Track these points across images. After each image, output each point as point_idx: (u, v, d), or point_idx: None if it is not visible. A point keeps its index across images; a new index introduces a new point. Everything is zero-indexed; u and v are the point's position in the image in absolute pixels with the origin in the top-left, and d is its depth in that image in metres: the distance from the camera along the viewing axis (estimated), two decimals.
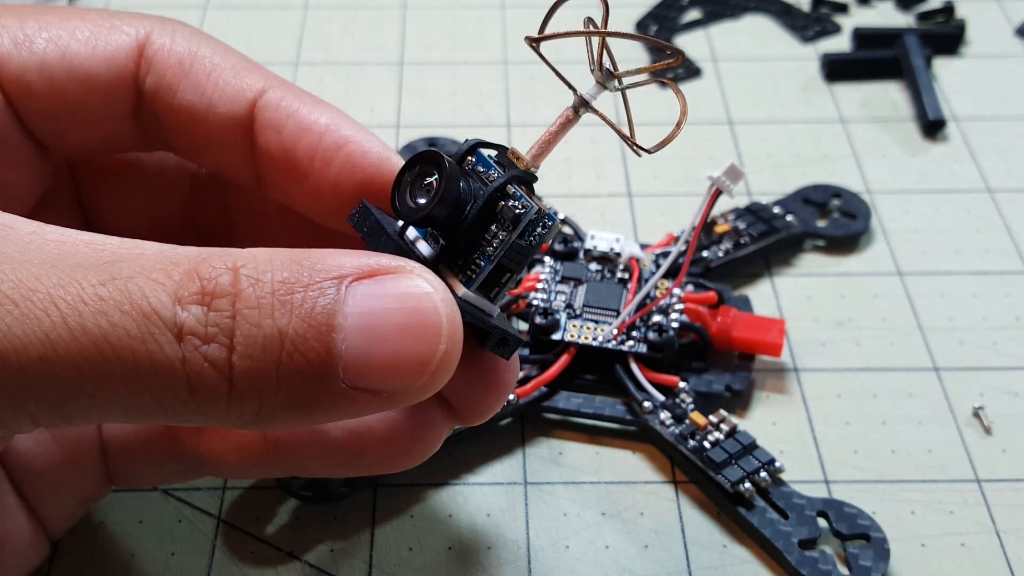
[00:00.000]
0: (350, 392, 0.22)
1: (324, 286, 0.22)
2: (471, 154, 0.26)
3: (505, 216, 0.25)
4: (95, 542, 0.34)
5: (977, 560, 0.34)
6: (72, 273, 0.22)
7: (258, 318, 0.22)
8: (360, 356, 0.22)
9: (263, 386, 0.22)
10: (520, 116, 0.51)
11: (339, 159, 0.28)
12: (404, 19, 0.58)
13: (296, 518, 0.35)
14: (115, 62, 0.29)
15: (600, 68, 0.25)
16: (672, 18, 0.57)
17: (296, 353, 0.22)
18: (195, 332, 0.21)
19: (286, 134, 0.28)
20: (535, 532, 0.35)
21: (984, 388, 0.40)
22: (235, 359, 0.21)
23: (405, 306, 0.23)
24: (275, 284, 0.22)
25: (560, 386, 0.38)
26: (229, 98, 0.29)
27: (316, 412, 0.23)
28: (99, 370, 0.21)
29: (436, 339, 0.23)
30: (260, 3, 0.59)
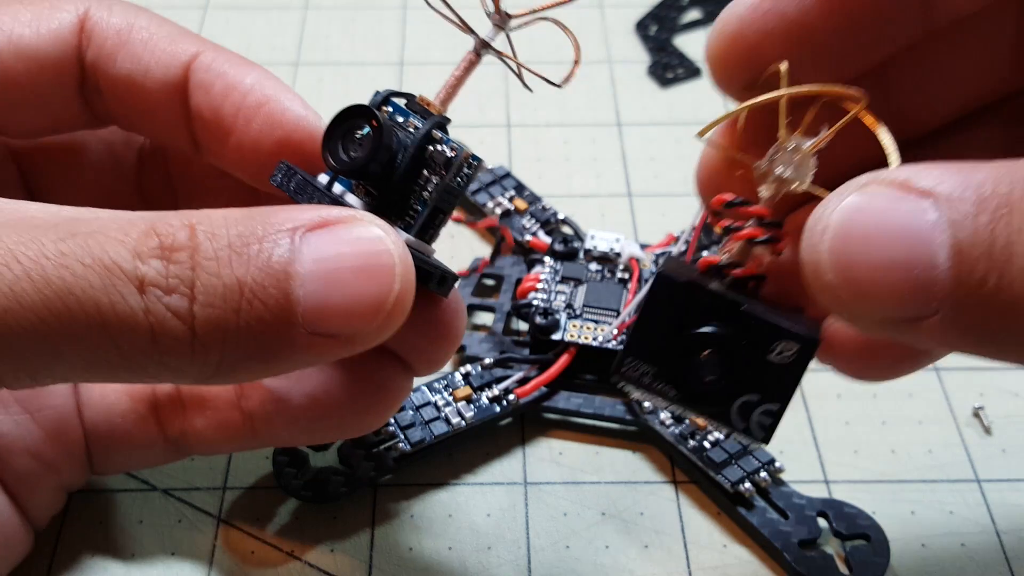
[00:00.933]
0: (309, 338, 0.23)
1: (278, 237, 0.23)
2: (385, 103, 0.26)
3: (436, 160, 0.25)
4: (95, 541, 0.34)
5: (977, 560, 0.34)
6: (31, 232, 0.22)
7: (217, 268, 0.22)
8: (318, 301, 0.23)
9: (224, 334, 0.22)
10: (520, 117, 0.51)
11: (259, 116, 0.29)
12: (404, 19, 0.58)
13: (296, 518, 0.35)
14: (59, 39, 0.29)
15: (497, 10, 0.26)
16: (672, 18, 0.57)
17: (255, 300, 0.22)
18: (156, 283, 0.22)
19: (214, 93, 0.29)
20: (535, 532, 0.35)
21: (984, 388, 0.40)
22: (196, 308, 0.22)
23: (359, 250, 0.23)
24: (231, 237, 0.23)
25: (560, 386, 0.38)
26: (164, 63, 0.29)
27: (276, 359, 0.23)
28: (64, 322, 0.21)
29: (390, 279, 0.23)
30: (260, 3, 0.59)
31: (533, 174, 0.48)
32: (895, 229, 0.20)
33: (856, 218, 0.20)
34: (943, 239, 0.19)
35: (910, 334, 0.21)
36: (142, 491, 0.36)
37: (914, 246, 0.20)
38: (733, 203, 0.25)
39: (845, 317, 0.21)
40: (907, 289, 0.20)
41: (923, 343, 0.21)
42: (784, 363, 0.24)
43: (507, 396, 0.37)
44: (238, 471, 0.37)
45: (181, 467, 0.36)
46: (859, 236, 0.20)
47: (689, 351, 0.24)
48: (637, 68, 0.54)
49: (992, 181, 0.19)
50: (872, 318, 0.21)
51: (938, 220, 0.20)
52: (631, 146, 0.50)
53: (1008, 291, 0.19)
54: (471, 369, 0.38)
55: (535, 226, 0.44)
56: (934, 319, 0.20)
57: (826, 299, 0.21)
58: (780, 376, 0.24)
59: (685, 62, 0.54)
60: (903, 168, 0.21)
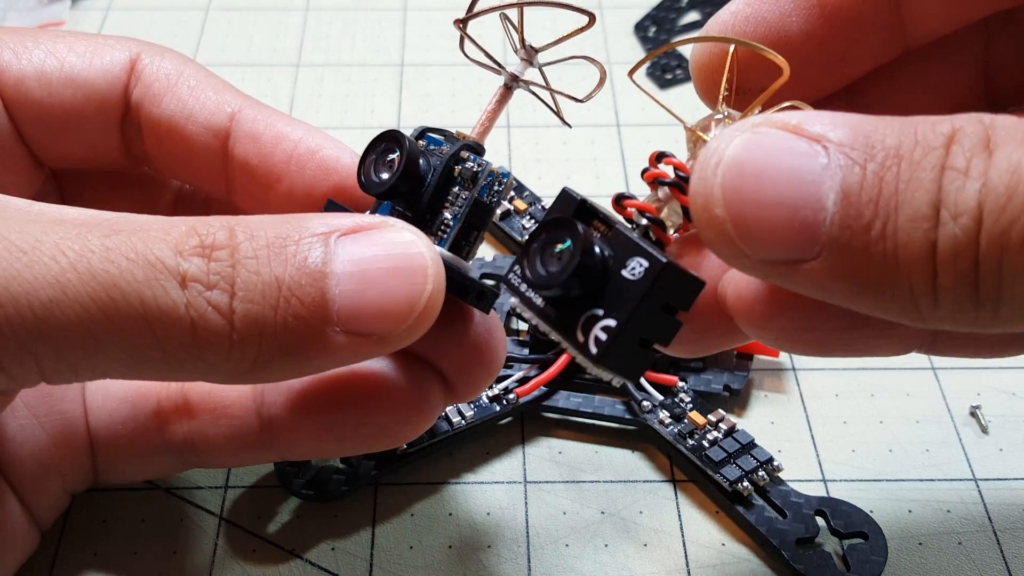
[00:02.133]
0: (342, 336, 0.24)
1: (314, 240, 0.24)
2: (421, 138, 0.28)
3: (464, 176, 0.27)
4: (98, 540, 0.35)
5: (974, 558, 0.35)
6: (76, 229, 0.23)
7: (256, 266, 0.23)
8: (353, 300, 0.24)
9: (262, 329, 0.23)
10: (519, 117, 0.52)
11: (312, 163, 0.30)
12: (404, 21, 0.58)
13: (297, 517, 0.35)
14: (109, 74, 0.31)
15: (523, 46, 0.28)
16: (671, 20, 0.58)
17: (293, 298, 0.23)
18: (198, 279, 0.23)
19: (264, 142, 0.30)
20: (535, 531, 0.35)
21: (981, 388, 0.40)
22: (236, 303, 0.23)
23: (392, 252, 0.24)
24: (269, 238, 0.24)
25: (560, 386, 0.39)
26: (209, 110, 0.31)
27: (309, 357, 0.24)
28: (108, 314, 0.22)
29: (423, 279, 0.24)
30: (261, 5, 0.59)
31: (533, 174, 0.48)
32: (786, 170, 0.20)
33: (749, 155, 0.21)
34: (832, 183, 0.20)
35: (791, 278, 0.21)
36: (145, 490, 0.36)
37: (803, 188, 0.20)
38: (663, 154, 0.26)
39: (728, 255, 0.21)
40: (793, 229, 0.20)
41: (803, 288, 0.21)
42: (634, 280, 0.23)
43: (507, 395, 0.38)
44: (239, 471, 0.37)
45: None
46: (751, 173, 0.20)
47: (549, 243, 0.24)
48: None
49: (882, 132, 0.20)
50: (755, 257, 0.21)
51: (828, 165, 0.20)
52: (630, 147, 0.50)
53: (892, 239, 0.19)
54: None
55: (535, 226, 0.44)
56: (815, 263, 0.20)
57: (712, 235, 0.21)
58: (627, 294, 0.24)
59: (684, 63, 0.55)
60: (796, 113, 0.21)
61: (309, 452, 0.31)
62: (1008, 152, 0.19)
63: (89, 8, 0.58)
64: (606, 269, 0.24)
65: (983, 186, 0.18)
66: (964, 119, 0.20)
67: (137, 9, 0.58)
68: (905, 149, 0.19)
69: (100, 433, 0.32)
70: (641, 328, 0.24)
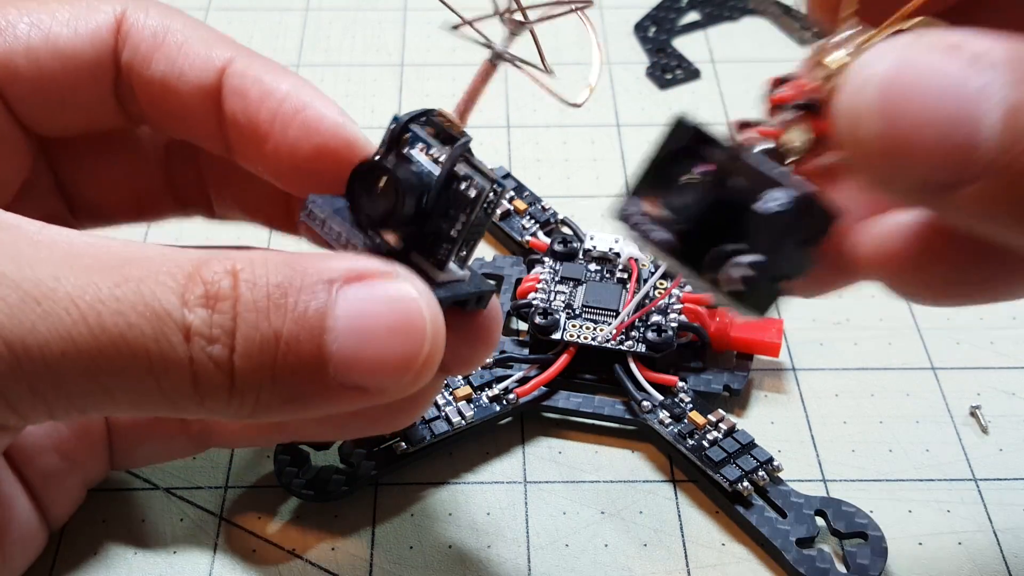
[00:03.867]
0: (340, 388, 0.24)
1: (316, 289, 0.24)
2: (405, 133, 0.27)
3: (462, 200, 0.26)
4: (98, 540, 0.35)
5: (974, 559, 0.35)
6: (87, 276, 0.23)
7: (256, 320, 0.23)
8: (350, 356, 0.24)
9: (260, 383, 0.23)
10: (519, 118, 0.52)
11: (296, 123, 0.29)
12: (404, 21, 0.58)
13: (297, 517, 0.36)
14: (96, 39, 0.30)
15: (509, 12, 0.26)
16: (671, 20, 0.58)
17: (290, 353, 0.23)
18: (201, 333, 0.23)
19: (250, 99, 0.29)
20: (535, 531, 0.35)
21: (981, 388, 0.40)
22: (236, 359, 0.23)
23: (393, 308, 0.24)
24: (270, 288, 0.23)
25: (560, 386, 0.39)
26: (199, 68, 0.30)
27: (308, 407, 0.24)
28: (116, 365, 0.23)
29: (421, 340, 0.24)
30: (261, 5, 0.59)
31: (532, 175, 0.48)
32: (944, 86, 0.19)
33: (904, 71, 0.19)
34: (994, 103, 0.18)
35: (944, 204, 0.20)
36: (145, 490, 0.36)
37: (962, 106, 0.19)
38: (784, 79, 0.24)
39: (879, 178, 0.20)
40: (950, 149, 0.19)
41: (954, 216, 0.20)
42: (771, 212, 0.22)
43: (507, 395, 0.38)
44: (240, 470, 0.37)
45: (184, 466, 0.37)
46: (906, 89, 0.19)
47: (674, 177, 0.23)
48: (636, 69, 0.55)
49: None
50: (908, 180, 0.20)
51: (989, 83, 0.19)
52: (630, 147, 0.50)
53: None
54: None
55: (534, 227, 0.44)
56: (971, 188, 0.19)
57: (860, 154, 0.20)
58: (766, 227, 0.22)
59: (684, 64, 0.55)
60: (954, 31, 0.19)
61: (315, 435, 0.32)
62: None
63: None
64: (738, 200, 0.23)
65: None
66: None
67: None
68: None
69: (120, 424, 0.33)
70: (780, 263, 0.23)
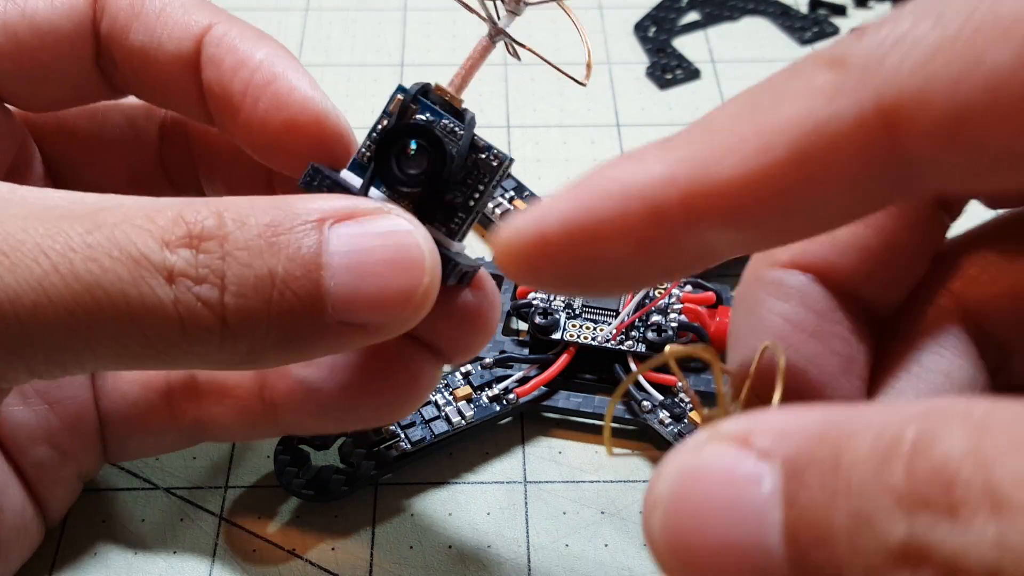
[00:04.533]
0: (338, 327, 0.23)
1: (307, 228, 0.23)
2: (415, 103, 0.27)
3: (481, 168, 0.26)
4: (97, 540, 0.35)
5: None
6: (58, 224, 0.22)
7: (248, 259, 0.22)
8: (348, 292, 0.23)
9: (255, 324, 0.23)
10: (519, 118, 0.52)
11: (267, 95, 0.28)
12: (404, 21, 0.58)
13: (297, 517, 0.36)
14: (73, 11, 0.29)
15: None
16: (671, 20, 0.58)
17: (287, 291, 0.22)
18: (186, 274, 0.22)
19: (224, 69, 0.29)
20: (535, 531, 0.35)
21: None
22: (227, 298, 0.22)
23: (389, 242, 0.24)
24: (260, 227, 0.23)
25: (560, 385, 0.39)
26: (177, 36, 0.29)
27: (304, 348, 0.24)
28: (93, 315, 0.22)
29: (420, 272, 0.24)
30: (261, 5, 0.59)
31: (532, 175, 0.48)
32: (729, 503, 0.17)
33: (689, 490, 0.17)
34: (775, 517, 0.16)
35: None
36: (144, 490, 0.36)
37: (749, 526, 0.16)
38: None
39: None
40: None
41: None
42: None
43: (507, 395, 0.38)
44: (240, 470, 0.37)
45: (183, 466, 0.37)
46: (692, 513, 0.17)
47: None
48: (636, 69, 0.55)
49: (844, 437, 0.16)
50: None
51: (772, 492, 0.16)
52: (630, 147, 0.50)
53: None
54: (471, 368, 0.38)
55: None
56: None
57: None
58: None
59: (684, 64, 0.55)
60: (748, 416, 0.17)
61: (311, 429, 0.31)
62: None
63: None
64: None
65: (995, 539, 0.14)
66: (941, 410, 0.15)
67: None
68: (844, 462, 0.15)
69: (111, 414, 0.32)
70: None
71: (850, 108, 0.18)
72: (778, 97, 0.19)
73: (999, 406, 0.15)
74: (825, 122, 0.18)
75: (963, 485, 0.14)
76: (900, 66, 0.18)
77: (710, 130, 0.20)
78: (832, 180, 0.18)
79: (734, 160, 0.19)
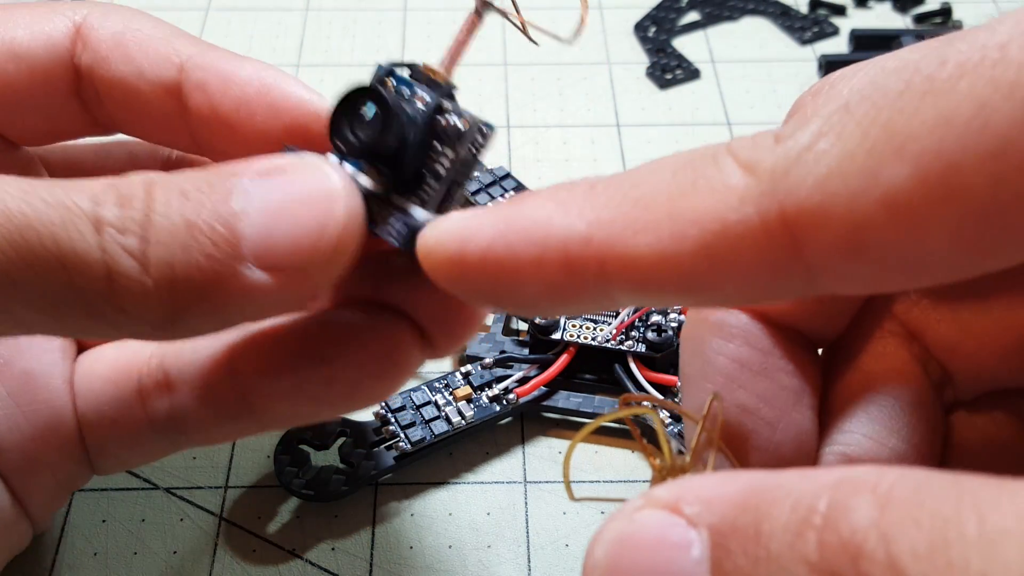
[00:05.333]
0: (258, 273, 0.23)
1: (228, 184, 0.24)
2: (390, 77, 0.26)
3: (448, 133, 0.25)
4: (97, 540, 0.35)
5: None
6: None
7: (168, 211, 0.23)
8: (263, 233, 0.23)
9: (173, 271, 0.23)
10: (519, 118, 0.52)
11: (262, 107, 0.29)
12: (404, 21, 0.58)
13: (297, 517, 0.36)
14: (52, 43, 0.30)
15: None
16: (671, 20, 0.58)
17: (203, 236, 0.23)
18: (113, 224, 0.23)
19: (211, 90, 0.29)
20: (535, 531, 0.35)
21: None
22: (149, 248, 0.23)
23: (305, 185, 0.24)
24: (183, 188, 0.24)
25: (560, 386, 0.39)
26: (158, 64, 0.30)
27: (229, 301, 0.24)
28: (23, 255, 0.22)
29: (335, 204, 0.24)
30: (261, 5, 0.59)
31: (533, 175, 0.48)
32: (661, 569, 0.17)
33: (624, 556, 0.18)
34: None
35: None
36: (144, 490, 0.36)
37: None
38: None
39: None
40: None
41: None
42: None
43: (507, 395, 0.38)
44: (240, 470, 0.37)
45: (183, 466, 0.37)
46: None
47: None
48: (636, 69, 0.55)
49: (763, 508, 0.16)
50: None
51: (700, 559, 0.17)
52: (630, 147, 0.50)
53: None
54: (471, 369, 0.38)
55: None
56: None
57: None
58: None
59: (684, 64, 0.55)
60: (680, 482, 0.18)
61: (289, 417, 0.30)
62: None
63: None
64: None
65: None
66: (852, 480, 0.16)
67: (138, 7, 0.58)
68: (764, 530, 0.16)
69: (87, 418, 0.31)
70: None
71: (755, 216, 0.19)
72: (696, 184, 0.20)
73: (904, 477, 0.15)
74: (733, 224, 0.19)
75: (868, 557, 0.15)
76: (803, 181, 0.18)
77: (632, 198, 0.20)
78: (735, 276, 0.20)
79: (647, 240, 0.20)
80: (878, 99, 0.18)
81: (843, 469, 0.17)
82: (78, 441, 0.31)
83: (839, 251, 0.18)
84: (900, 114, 0.18)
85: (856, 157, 0.18)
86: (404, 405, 0.37)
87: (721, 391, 0.24)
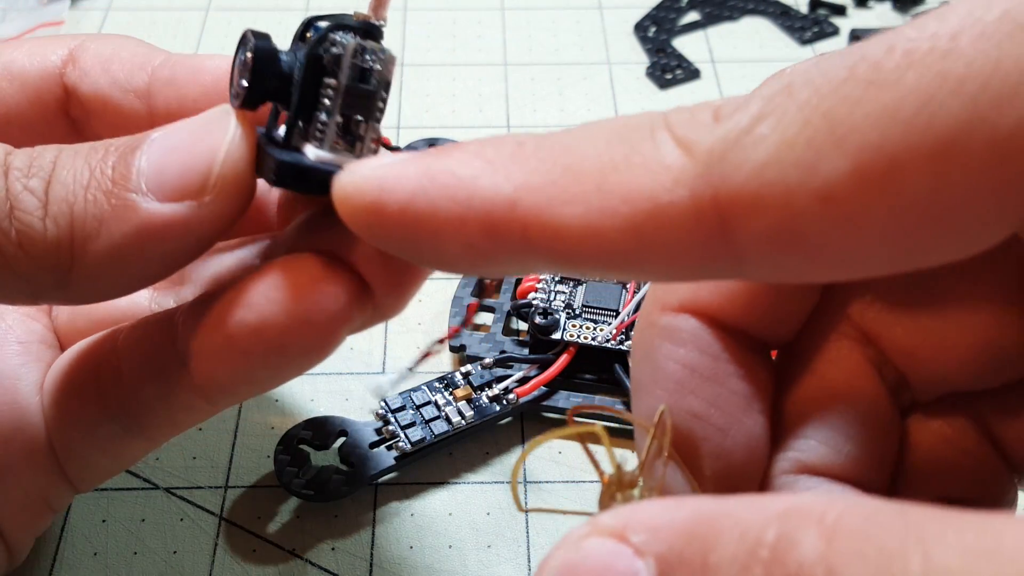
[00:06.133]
0: (154, 205, 0.24)
1: (140, 137, 0.25)
2: (309, 30, 0.25)
3: (330, 63, 0.24)
4: (97, 540, 0.35)
5: None
6: None
7: (73, 159, 0.25)
8: (157, 164, 0.24)
9: (72, 208, 0.24)
10: (519, 118, 0.52)
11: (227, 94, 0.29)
12: (404, 21, 0.58)
13: (297, 517, 0.36)
14: (46, 63, 0.31)
15: None
16: (671, 20, 0.58)
17: (101, 175, 0.24)
18: (20, 168, 0.25)
19: (180, 82, 0.30)
20: (535, 530, 0.35)
21: None
22: (50, 189, 0.24)
23: (199, 119, 0.25)
24: (95, 144, 0.25)
25: (560, 386, 0.39)
26: (132, 74, 0.31)
27: (127, 236, 0.24)
28: None
29: (225, 130, 0.25)
30: (261, 5, 0.59)
31: None
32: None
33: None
34: None
35: None
36: (144, 490, 0.36)
37: None
38: None
39: None
40: None
41: None
42: None
43: (507, 395, 0.38)
44: (240, 470, 0.37)
45: (183, 466, 0.37)
46: None
47: None
48: (636, 69, 0.55)
49: (688, 534, 0.16)
50: None
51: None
52: None
53: None
54: (471, 369, 0.38)
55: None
56: None
57: None
58: None
59: (684, 64, 0.55)
60: (627, 509, 0.18)
61: (232, 385, 0.27)
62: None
63: (89, 8, 0.58)
64: None
65: None
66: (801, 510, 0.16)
67: (137, 9, 0.58)
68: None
69: (50, 415, 0.30)
70: None
71: (688, 199, 0.18)
72: (630, 159, 0.19)
73: (852, 508, 0.15)
74: (665, 205, 0.18)
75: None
76: (740, 168, 0.18)
77: (562, 165, 0.20)
78: (662, 255, 0.19)
79: (575, 211, 0.19)
80: (821, 84, 0.18)
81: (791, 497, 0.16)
82: (47, 446, 0.29)
83: (771, 240, 0.18)
84: (843, 103, 0.17)
85: (795, 146, 0.17)
86: (404, 405, 0.37)
87: (672, 397, 0.23)
